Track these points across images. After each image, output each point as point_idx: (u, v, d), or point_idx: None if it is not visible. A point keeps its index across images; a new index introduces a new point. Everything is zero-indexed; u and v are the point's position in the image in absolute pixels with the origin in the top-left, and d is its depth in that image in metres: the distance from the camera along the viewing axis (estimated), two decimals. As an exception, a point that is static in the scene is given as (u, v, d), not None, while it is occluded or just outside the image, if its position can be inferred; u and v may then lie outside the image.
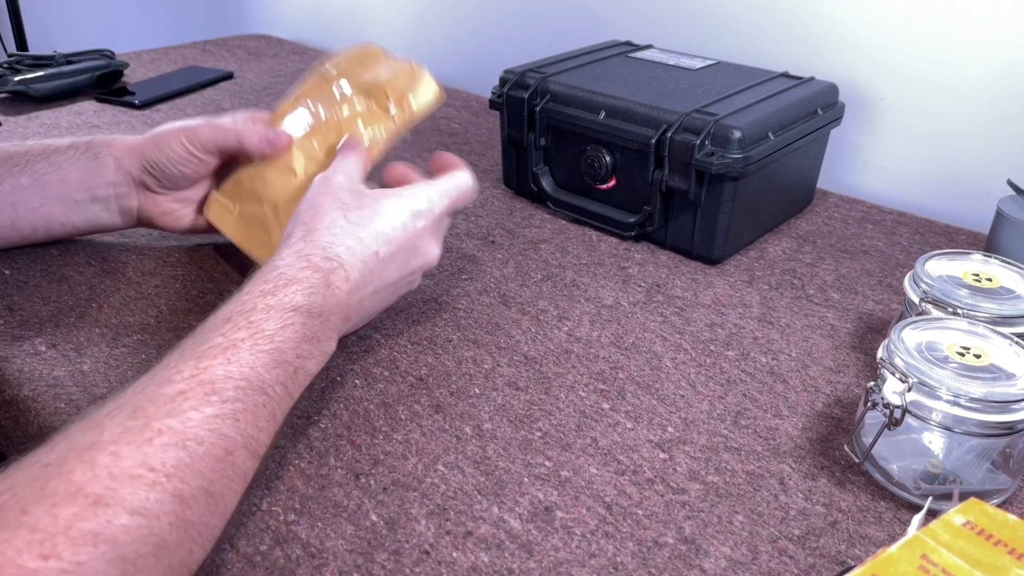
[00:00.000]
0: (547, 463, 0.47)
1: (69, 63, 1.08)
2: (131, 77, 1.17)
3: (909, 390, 0.42)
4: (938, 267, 0.54)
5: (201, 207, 0.66)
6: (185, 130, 0.62)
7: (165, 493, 0.34)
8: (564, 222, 0.77)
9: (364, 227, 0.51)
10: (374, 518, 0.43)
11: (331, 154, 0.59)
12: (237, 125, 0.61)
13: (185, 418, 0.37)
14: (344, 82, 0.63)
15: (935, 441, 0.44)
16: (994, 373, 0.43)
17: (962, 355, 0.44)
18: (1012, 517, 0.33)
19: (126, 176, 0.63)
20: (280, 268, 0.47)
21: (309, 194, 0.54)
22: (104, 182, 0.63)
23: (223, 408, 0.38)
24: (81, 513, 0.31)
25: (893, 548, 0.32)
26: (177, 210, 0.66)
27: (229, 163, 0.64)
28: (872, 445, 0.44)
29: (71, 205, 0.64)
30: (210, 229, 0.66)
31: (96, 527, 0.31)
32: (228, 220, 0.62)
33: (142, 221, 0.67)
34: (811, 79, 0.76)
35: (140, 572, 0.32)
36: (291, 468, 0.46)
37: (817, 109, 0.73)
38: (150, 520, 0.33)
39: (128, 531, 0.32)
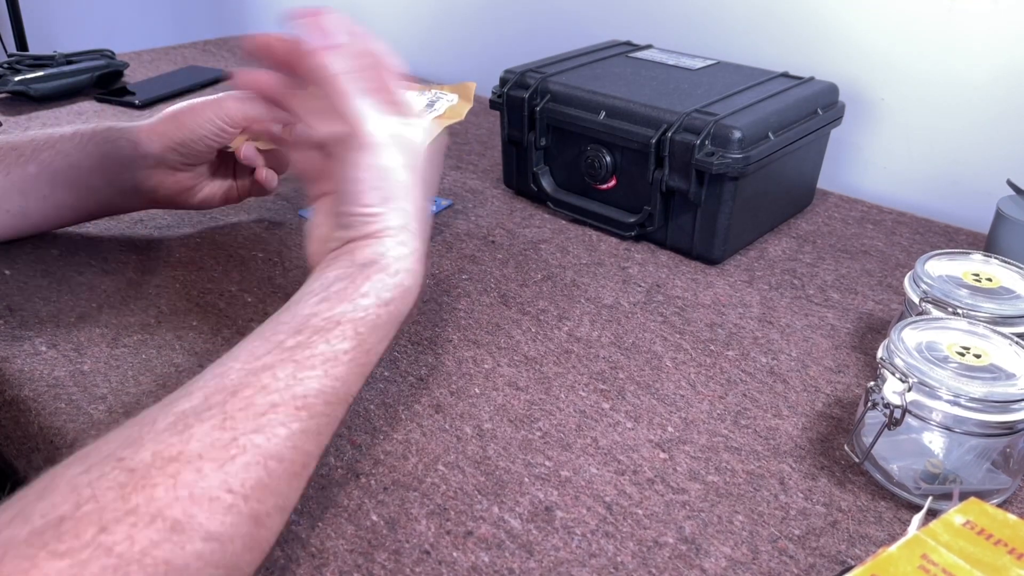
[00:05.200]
0: (547, 463, 0.47)
1: (69, 63, 1.08)
2: (131, 77, 1.17)
3: (909, 390, 0.42)
4: (938, 267, 0.54)
5: (206, 187, 0.69)
6: (211, 106, 0.63)
7: (241, 516, 0.34)
8: (564, 222, 0.77)
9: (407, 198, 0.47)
10: (374, 518, 0.43)
11: None
12: (251, 95, 0.62)
13: (272, 434, 0.36)
14: None
15: (935, 441, 0.44)
16: (994, 373, 0.43)
17: (962, 355, 0.44)
18: (1012, 517, 0.33)
19: (145, 157, 0.64)
20: (387, 279, 0.44)
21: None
22: (121, 165, 0.64)
23: (309, 424, 0.38)
24: (158, 540, 0.31)
25: (893, 548, 0.32)
26: (194, 186, 0.68)
27: None
28: (872, 445, 0.44)
29: (83, 191, 0.65)
30: (217, 204, 0.71)
31: (170, 555, 0.31)
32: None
33: (156, 201, 0.68)
34: (811, 79, 0.76)
35: None
36: (291, 468, 0.46)
37: (817, 109, 0.73)
38: (224, 544, 0.33)
39: (201, 557, 0.32)
